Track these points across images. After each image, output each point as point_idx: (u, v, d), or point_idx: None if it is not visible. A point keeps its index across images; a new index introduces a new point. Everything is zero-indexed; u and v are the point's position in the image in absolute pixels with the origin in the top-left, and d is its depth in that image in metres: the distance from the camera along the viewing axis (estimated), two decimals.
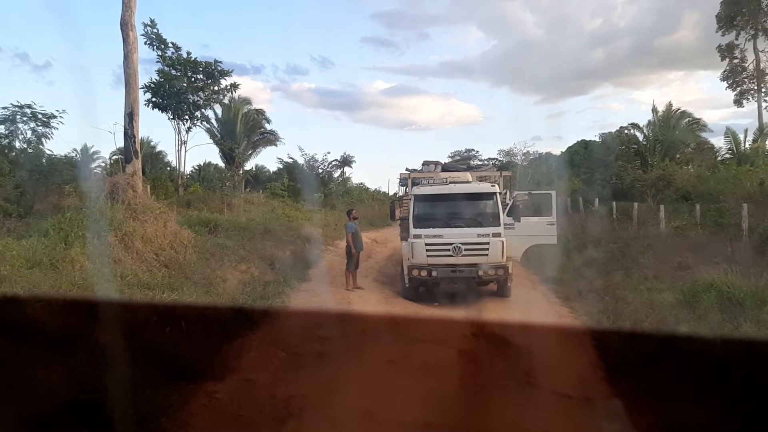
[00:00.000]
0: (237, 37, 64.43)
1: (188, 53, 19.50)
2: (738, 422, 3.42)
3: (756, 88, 27.71)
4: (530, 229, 10.01)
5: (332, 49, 76.05)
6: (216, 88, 20.56)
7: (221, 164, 30.29)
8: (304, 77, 69.38)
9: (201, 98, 20.38)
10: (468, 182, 10.81)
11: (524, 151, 34.05)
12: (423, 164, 13.10)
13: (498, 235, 9.43)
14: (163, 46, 18.83)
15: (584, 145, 28.27)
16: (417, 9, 70.36)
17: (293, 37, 72.81)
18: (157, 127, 62.00)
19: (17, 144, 14.43)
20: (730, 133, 23.02)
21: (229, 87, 20.98)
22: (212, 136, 25.83)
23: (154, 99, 19.17)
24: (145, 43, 18.05)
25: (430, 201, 9.99)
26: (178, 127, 21.57)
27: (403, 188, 12.47)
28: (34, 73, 49.08)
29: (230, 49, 66.27)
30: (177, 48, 19.22)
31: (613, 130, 27.26)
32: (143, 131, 24.11)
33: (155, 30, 18.51)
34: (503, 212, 9.69)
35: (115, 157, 23.07)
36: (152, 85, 19.03)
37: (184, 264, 9.57)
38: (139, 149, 12.49)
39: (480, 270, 9.29)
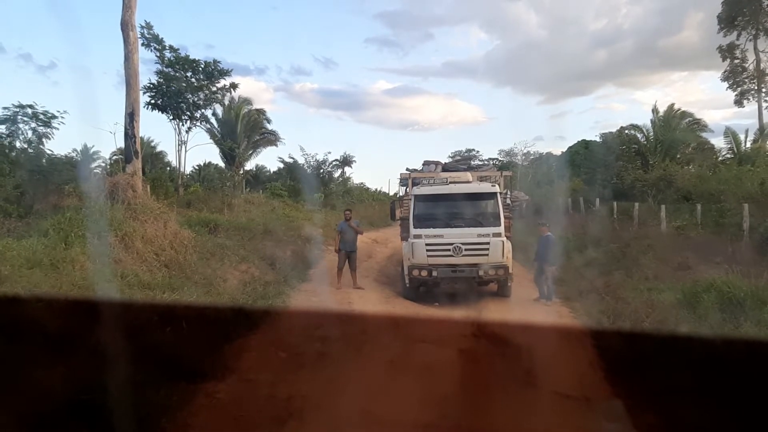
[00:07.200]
0: (241, 38, 64.76)
1: (186, 55, 19.56)
2: (738, 422, 3.41)
3: (756, 88, 27.68)
4: None
5: (336, 50, 76.36)
6: (214, 88, 20.58)
7: (221, 164, 30.35)
8: (307, 78, 69.61)
9: (201, 98, 20.39)
10: (468, 182, 10.81)
11: (524, 151, 34.13)
12: (423, 164, 13.11)
13: (498, 235, 9.43)
14: (160, 47, 18.86)
15: (585, 145, 28.28)
16: (421, 9, 70.62)
17: (297, 37, 73.13)
18: (157, 127, 62.11)
19: (18, 144, 14.44)
20: (730, 133, 23.03)
21: (228, 86, 21.00)
22: (212, 136, 25.86)
23: (152, 101, 19.19)
24: (142, 44, 18.10)
25: (430, 201, 9.98)
26: (178, 128, 21.61)
27: (404, 188, 12.47)
28: (38, 74, 49.27)
29: (234, 50, 66.77)
30: (174, 49, 19.26)
31: (614, 130, 27.30)
32: (143, 131, 24.23)
33: (152, 32, 18.56)
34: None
35: (115, 157, 23.10)
36: (151, 86, 19.05)
37: (185, 264, 9.56)
38: (139, 149, 12.49)
39: (480, 270, 9.29)
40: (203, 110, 21.62)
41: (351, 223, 10.80)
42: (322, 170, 30.47)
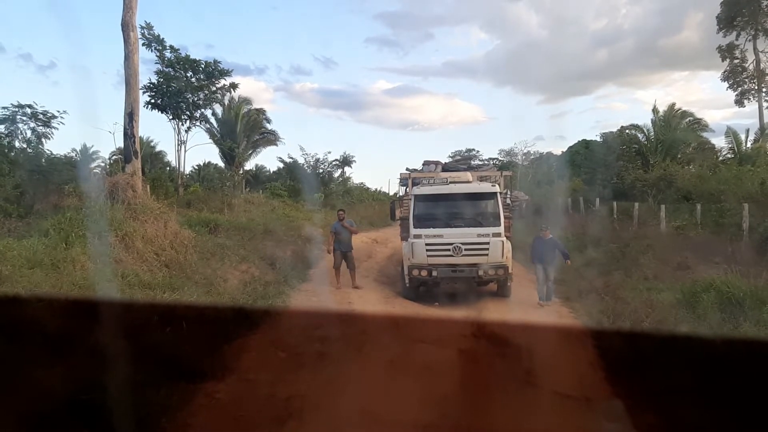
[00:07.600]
0: (241, 37, 64.84)
1: (187, 55, 19.59)
2: (738, 422, 3.41)
3: (756, 88, 27.70)
4: None
5: (336, 50, 76.38)
6: (214, 88, 20.60)
7: (221, 164, 30.36)
8: (307, 77, 69.68)
9: (200, 98, 20.41)
10: (468, 182, 10.80)
11: (525, 151, 34.16)
12: (423, 164, 13.10)
13: (498, 235, 9.44)
14: (161, 47, 18.88)
15: (585, 145, 28.27)
16: (421, 9, 70.64)
17: (297, 37, 73.26)
18: (156, 127, 62.19)
19: (17, 144, 14.47)
20: (731, 133, 23.02)
21: (228, 86, 21.02)
22: (212, 135, 25.87)
23: (152, 101, 19.19)
24: (143, 44, 18.13)
25: (430, 201, 9.98)
26: (178, 127, 21.62)
27: (404, 188, 12.47)
28: (38, 74, 49.28)
29: (234, 50, 66.89)
30: (174, 49, 19.29)
31: (615, 130, 27.31)
32: (143, 131, 24.24)
33: (152, 32, 18.60)
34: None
35: (114, 157, 23.14)
36: (151, 86, 19.06)
37: (185, 264, 9.57)
38: (138, 149, 12.50)
39: (480, 270, 9.29)
40: (203, 110, 21.67)
41: (344, 223, 10.79)
42: (321, 170, 30.49)
